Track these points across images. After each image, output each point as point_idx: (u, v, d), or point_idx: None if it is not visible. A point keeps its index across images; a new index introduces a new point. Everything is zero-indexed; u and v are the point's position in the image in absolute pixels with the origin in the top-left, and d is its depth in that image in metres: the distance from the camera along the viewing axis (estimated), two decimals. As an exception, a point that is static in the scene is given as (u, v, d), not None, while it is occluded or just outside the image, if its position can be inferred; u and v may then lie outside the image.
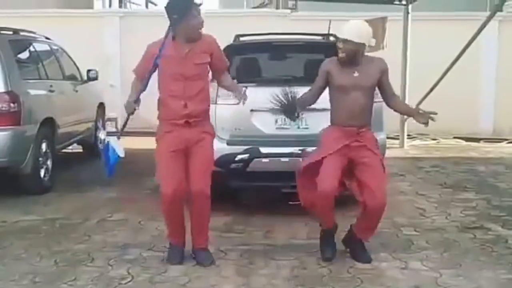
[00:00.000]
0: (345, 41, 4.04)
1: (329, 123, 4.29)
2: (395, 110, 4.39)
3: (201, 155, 4.01)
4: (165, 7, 3.97)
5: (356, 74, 4.10)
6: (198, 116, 4.02)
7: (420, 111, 4.21)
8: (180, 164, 4.00)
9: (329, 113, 5.47)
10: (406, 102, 9.72)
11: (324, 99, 5.36)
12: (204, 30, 4.03)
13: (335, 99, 4.23)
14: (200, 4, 3.99)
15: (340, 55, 4.11)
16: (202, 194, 4.00)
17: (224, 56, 4.25)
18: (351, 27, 4.07)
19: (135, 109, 4.04)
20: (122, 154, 4.07)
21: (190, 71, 3.94)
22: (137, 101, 4.04)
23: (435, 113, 4.08)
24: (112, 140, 4.15)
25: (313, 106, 5.32)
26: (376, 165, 4.07)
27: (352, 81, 4.10)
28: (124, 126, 4.27)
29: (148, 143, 9.78)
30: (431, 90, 9.34)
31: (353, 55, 4.07)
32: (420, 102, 8.73)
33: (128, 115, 4.10)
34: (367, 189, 4.01)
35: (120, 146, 4.10)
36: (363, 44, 4.07)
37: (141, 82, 4.07)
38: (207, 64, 4.05)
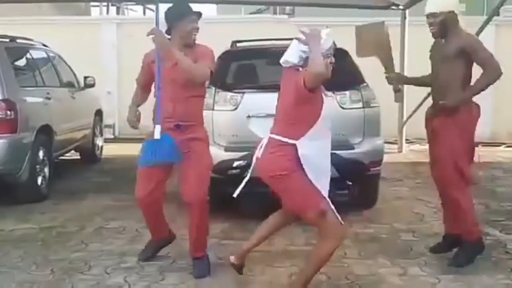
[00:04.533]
0: (431, 15, 4.09)
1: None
2: None
3: (195, 162, 3.94)
4: (164, 13, 3.97)
5: None
6: (189, 119, 3.95)
7: None
8: (160, 171, 3.99)
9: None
10: (404, 106, 9.76)
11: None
12: (202, 36, 4.01)
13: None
14: (200, 13, 3.97)
15: (432, 30, 4.15)
16: (199, 203, 3.93)
17: (209, 63, 3.98)
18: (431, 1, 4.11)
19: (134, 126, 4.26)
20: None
21: (182, 76, 3.85)
22: (137, 115, 4.26)
23: None
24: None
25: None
26: None
27: None
28: None
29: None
30: (429, 94, 9.32)
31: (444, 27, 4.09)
32: (418, 107, 8.72)
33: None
34: None
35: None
36: (451, 13, 4.07)
37: (143, 90, 4.30)
38: None
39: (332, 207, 3.32)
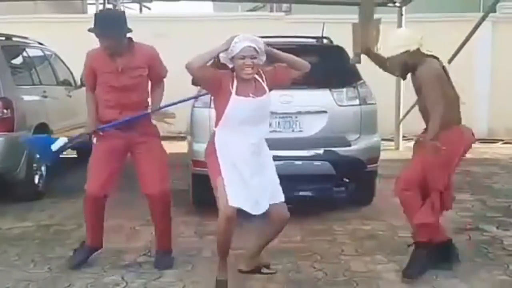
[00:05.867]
0: (388, 59, 3.97)
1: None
2: None
3: (150, 158, 3.98)
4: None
5: None
6: (136, 122, 4.00)
7: None
8: (111, 165, 4.03)
9: (324, 116, 5.46)
10: (401, 104, 9.76)
11: (320, 102, 5.38)
12: (199, 34, 4.03)
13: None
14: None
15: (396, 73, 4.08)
16: (162, 195, 4.00)
17: (162, 68, 4.12)
18: (386, 43, 3.99)
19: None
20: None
21: (126, 82, 3.92)
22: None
23: None
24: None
25: (308, 109, 5.34)
26: None
27: None
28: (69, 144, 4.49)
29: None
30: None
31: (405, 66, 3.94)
32: (415, 104, 8.72)
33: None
34: None
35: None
36: (407, 52, 3.86)
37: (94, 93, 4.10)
38: (144, 76, 4.01)
39: (228, 189, 3.44)
